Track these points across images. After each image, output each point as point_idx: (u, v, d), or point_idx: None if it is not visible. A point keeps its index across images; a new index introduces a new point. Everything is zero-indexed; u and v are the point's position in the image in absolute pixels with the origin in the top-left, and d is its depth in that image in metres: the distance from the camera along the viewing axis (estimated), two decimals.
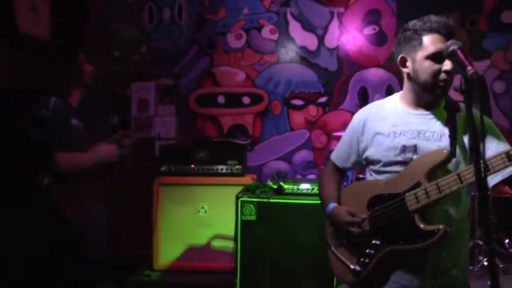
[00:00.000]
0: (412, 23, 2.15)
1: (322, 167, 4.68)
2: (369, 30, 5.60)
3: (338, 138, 2.56)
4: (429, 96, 2.14)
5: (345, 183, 2.72)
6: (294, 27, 5.70)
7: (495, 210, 4.96)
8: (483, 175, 1.75)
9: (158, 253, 4.55)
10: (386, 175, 2.22)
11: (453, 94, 2.13)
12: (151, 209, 4.57)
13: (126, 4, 5.85)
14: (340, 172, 2.49)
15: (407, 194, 2.09)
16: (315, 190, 3.72)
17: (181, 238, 4.54)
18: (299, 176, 5.52)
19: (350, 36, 5.62)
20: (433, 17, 2.10)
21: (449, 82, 2.08)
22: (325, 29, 5.66)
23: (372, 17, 5.63)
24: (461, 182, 1.97)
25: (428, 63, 2.07)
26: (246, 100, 5.72)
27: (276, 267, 3.72)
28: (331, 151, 2.56)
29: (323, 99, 5.64)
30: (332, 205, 2.33)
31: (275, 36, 5.72)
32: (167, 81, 5.82)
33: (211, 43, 5.78)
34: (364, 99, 5.50)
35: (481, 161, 1.76)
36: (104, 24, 5.87)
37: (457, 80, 1.84)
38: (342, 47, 5.62)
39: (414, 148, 2.14)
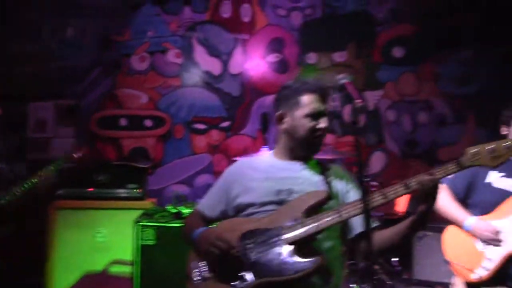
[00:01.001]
0: (291, 83, 2.35)
1: None
2: (272, 58, 5.78)
3: None
4: (304, 150, 2.31)
5: None
6: (199, 52, 5.77)
7: None
8: (366, 210, 1.88)
9: (51, 281, 4.36)
10: (261, 215, 2.24)
11: None
12: (46, 235, 4.39)
13: (28, 20, 5.64)
14: (206, 222, 2.45)
15: (283, 227, 2.12)
16: None
17: (77, 265, 4.37)
18: (200, 200, 5.53)
19: (254, 62, 5.77)
20: (311, 79, 2.31)
21: (324, 137, 2.28)
22: (230, 55, 5.78)
23: (276, 45, 5.82)
24: (340, 216, 2.07)
25: (306, 121, 2.25)
26: (148, 123, 5.68)
27: None
28: None
29: (225, 124, 5.71)
30: (202, 229, 2.29)
31: (179, 60, 5.75)
32: (68, 101, 5.65)
33: (115, 64, 5.70)
34: (265, 125, 5.64)
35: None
36: (3, 40, 5.62)
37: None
38: (245, 73, 5.74)
39: (289, 192, 2.23)
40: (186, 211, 3.81)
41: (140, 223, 3.69)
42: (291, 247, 2.08)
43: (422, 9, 5.94)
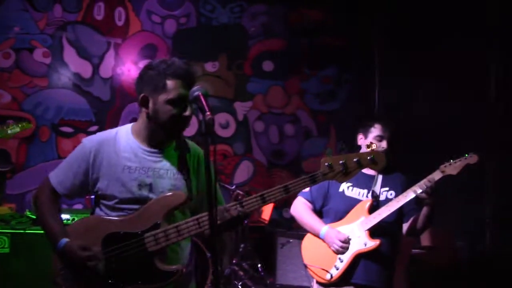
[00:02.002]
0: (156, 64, 2.20)
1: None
2: (144, 64, 5.74)
3: None
4: (164, 135, 2.25)
5: None
6: (69, 53, 5.60)
7: (251, 237, 5.41)
8: (214, 218, 1.88)
9: None
10: (121, 213, 2.21)
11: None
12: None
13: None
14: (58, 198, 2.32)
15: (146, 234, 2.12)
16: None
17: None
18: (64, 206, 5.34)
19: (125, 67, 5.71)
20: (178, 62, 2.18)
21: (186, 126, 2.23)
22: (101, 58, 5.67)
23: (148, 51, 5.82)
24: (200, 227, 2.13)
25: (169, 107, 2.15)
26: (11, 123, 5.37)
27: None
28: None
29: (93, 128, 5.58)
30: (64, 241, 2.15)
31: (47, 60, 5.53)
32: None
33: None
34: None
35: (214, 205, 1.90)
36: None
37: None
38: (116, 77, 5.68)
39: (150, 187, 2.21)
40: None
41: None
42: (154, 255, 2.12)
43: (292, 27, 6.26)
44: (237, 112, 6.07)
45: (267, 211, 5.39)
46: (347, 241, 3.11)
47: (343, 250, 3.11)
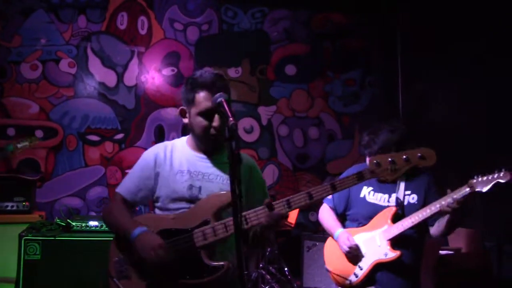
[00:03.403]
0: (191, 77, 2.33)
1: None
2: (167, 71, 5.83)
3: None
4: (205, 145, 2.37)
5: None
6: (94, 63, 5.67)
7: (278, 241, 5.42)
8: (238, 216, 1.93)
9: None
10: (173, 212, 2.32)
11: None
12: None
13: None
14: (128, 206, 2.44)
15: (195, 230, 2.22)
16: (104, 227, 3.71)
17: None
18: (93, 213, 5.43)
19: (149, 75, 5.78)
20: (205, 74, 2.30)
21: (219, 135, 2.27)
22: (125, 67, 5.74)
23: (171, 59, 5.88)
24: (247, 223, 2.20)
25: (199, 119, 2.27)
26: (39, 133, 5.46)
27: None
28: None
29: (119, 136, 5.66)
30: (143, 229, 2.23)
31: (73, 70, 5.61)
32: None
33: (2, 71, 5.45)
34: (160, 137, 5.66)
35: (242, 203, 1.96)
36: None
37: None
38: (140, 85, 5.74)
39: (199, 189, 2.32)
40: (74, 224, 3.74)
41: (25, 237, 3.57)
42: (202, 251, 2.20)
43: (314, 31, 6.27)
44: (261, 117, 6.09)
45: (293, 215, 5.38)
46: (354, 248, 3.08)
47: (351, 254, 3.09)
